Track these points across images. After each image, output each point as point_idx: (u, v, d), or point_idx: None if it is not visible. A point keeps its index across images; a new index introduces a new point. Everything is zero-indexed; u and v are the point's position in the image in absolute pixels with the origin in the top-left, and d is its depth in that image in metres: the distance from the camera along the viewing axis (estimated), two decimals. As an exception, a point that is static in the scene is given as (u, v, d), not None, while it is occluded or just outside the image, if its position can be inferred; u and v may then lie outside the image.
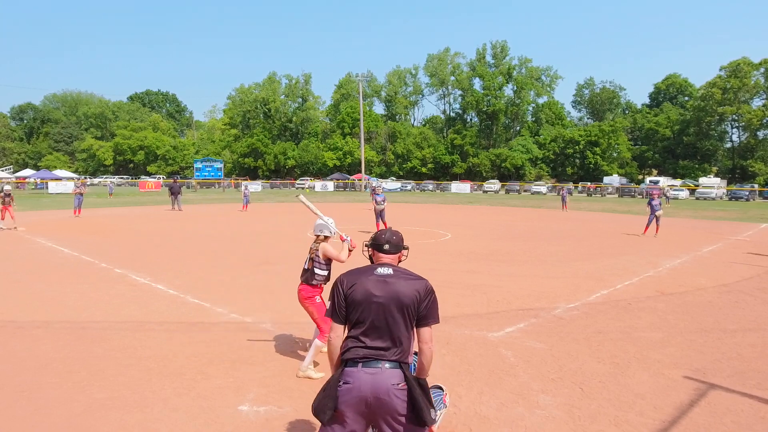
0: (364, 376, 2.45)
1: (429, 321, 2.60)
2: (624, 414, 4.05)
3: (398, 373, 2.49)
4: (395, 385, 2.45)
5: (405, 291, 2.57)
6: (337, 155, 78.01)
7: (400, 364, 2.52)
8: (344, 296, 2.59)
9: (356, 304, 2.56)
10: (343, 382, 2.48)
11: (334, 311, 2.61)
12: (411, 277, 2.66)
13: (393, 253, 2.79)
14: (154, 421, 3.85)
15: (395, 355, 2.52)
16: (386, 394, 2.43)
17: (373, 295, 2.55)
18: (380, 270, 2.65)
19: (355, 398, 2.44)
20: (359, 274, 2.65)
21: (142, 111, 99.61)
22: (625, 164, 73.17)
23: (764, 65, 64.21)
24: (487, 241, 15.11)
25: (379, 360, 2.49)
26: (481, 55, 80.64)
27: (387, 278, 2.61)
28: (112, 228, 17.77)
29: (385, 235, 2.81)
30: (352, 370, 2.49)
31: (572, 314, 7.07)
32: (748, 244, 15.24)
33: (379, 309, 2.54)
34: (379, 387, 2.43)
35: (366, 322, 2.54)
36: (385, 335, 2.53)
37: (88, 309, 7.06)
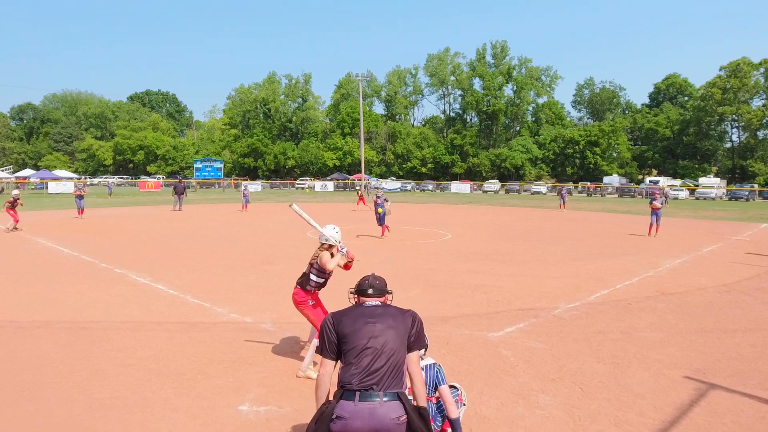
0: (360, 409, 2.38)
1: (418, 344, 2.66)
2: (624, 414, 4.05)
3: (397, 405, 2.43)
4: (395, 419, 2.39)
5: (396, 321, 2.62)
6: (337, 155, 78.00)
7: (398, 395, 2.46)
8: (335, 332, 2.59)
9: (349, 337, 2.55)
10: (337, 416, 2.40)
11: (324, 348, 2.60)
12: (399, 309, 2.73)
13: (377, 296, 2.79)
14: (154, 421, 3.85)
15: (392, 385, 2.47)
16: (385, 430, 2.37)
17: (365, 326, 2.56)
18: (369, 303, 2.70)
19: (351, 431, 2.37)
20: (348, 310, 2.68)
21: (142, 111, 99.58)
22: (625, 164, 73.16)
23: (764, 65, 64.19)
24: (487, 241, 15.11)
25: (376, 392, 2.42)
26: (481, 55, 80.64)
27: (377, 309, 2.65)
28: (112, 228, 17.77)
29: (368, 281, 2.82)
30: (347, 404, 2.41)
31: (572, 314, 7.07)
32: (748, 244, 15.24)
33: (374, 341, 2.53)
34: (379, 423, 2.36)
35: (361, 353, 2.51)
36: (380, 366, 2.48)
37: (88, 309, 7.06)
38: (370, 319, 2.59)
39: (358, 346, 2.52)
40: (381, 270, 2.93)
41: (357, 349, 2.52)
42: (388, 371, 2.48)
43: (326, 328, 2.62)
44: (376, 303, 2.71)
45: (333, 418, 2.41)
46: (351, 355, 2.53)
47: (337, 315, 2.66)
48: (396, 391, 2.47)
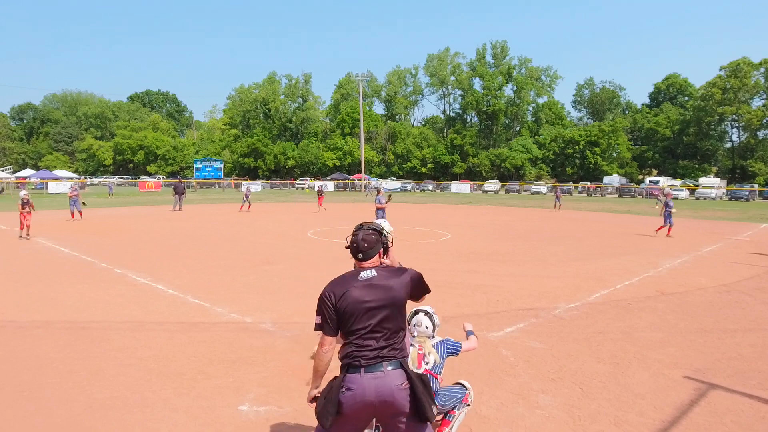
0: (367, 381, 2.49)
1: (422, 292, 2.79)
2: (624, 414, 4.05)
3: (400, 372, 2.55)
4: (399, 385, 2.51)
5: (394, 288, 2.62)
6: (337, 155, 78.01)
7: (401, 363, 2.58)
8: (334, 309, 2.58)
9: (349, 313, 2.56)
10: (346, 388, 2.50)
11: (325, 324, 2.60)
12: (395, 273, 2.70)
13: (369, 259, 2.74)
14: (154, 421, 3.85)
15: (395, 355, 2.58)
16: (390, 396, 2.49)
17: (364, 301, 2.56)
18: (363, 275, 2.65)
19: (360, 403, 2.49)
20: (345, 284, 2.63)
21: (142, 111, 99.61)
22: (625, 164, 73.18)
23: (764, 65, 64.21)
24: (487, 241, 15.11)
25: (381, 362, 2.53)
26: (481, 55, 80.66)
27: (373, 280, 2.62)
28: (112, 228, 17.77)
29: (356, 244, 2.74)
30: (354, 377, 2.51)
31: (572, 314, 7.07)
32: (749, 244, 15.24)
33: (373, 313, 2.56)
34: (384, 390, 2.48)
35: (362, 327, 2.56)
36: (382, 337, 2.57)
37: (88, 309, 7.06)
38: (368, 298, 2.57)
39: (360, 327, 2.56)
40: (380, 270, 2.88)
41: (359, 329, 2.56)
42: (390, 344, 2.58)
43: (325, 304, 2.61)
44: (372, 273, 2.65)
45: (342, 391, 2.51)
46: (353, 335, 2.58)
47: (338, 289, 2.61)
48: (399, 360, 2.58)
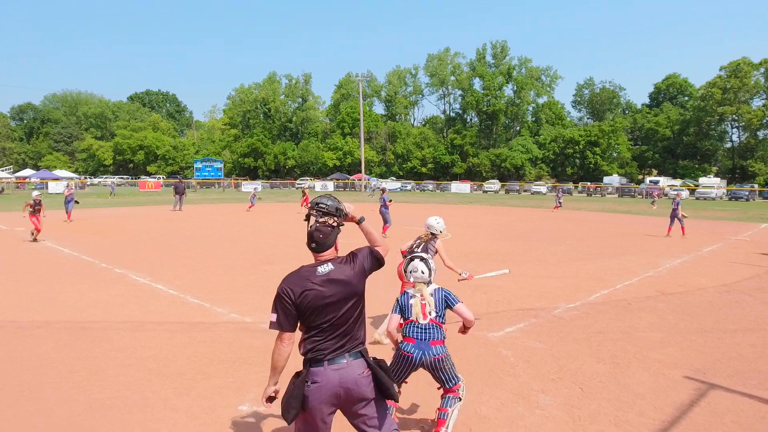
0: (330, 373, 2.57)
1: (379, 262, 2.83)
2: (624, 414, 4.05)
3: (361, 362, 2.66)
4: (361, 374, 2.62)
5: (352, 281, 2.67)
6: (337, 155, 78.01)
7: (361, 353, 2.68)
8: (294, 305, 2.58)
9: (310, 309, 2.58)
10: (311, 381, 2.57)
11: (284, 321, 2.59)
12: (350, 264, 2.72)
13: (327, 248, 2.76)
14: (155, 421, 3.85)
15: (355, 346, 2.67)
16: (354, 384, 2.59)
17: (324, 296, 2.59)
18: (321, 270, 2.66)
19: (326, 395, 2.56)
20: (304, 281, 2.62)
21: (142, 111, 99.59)
22: (625, 164, 73.17)
23: (764, 65, 64.20)
24: (487, 241, 15.11)
25: (343, 354, 2.62)
26: (481, 55, 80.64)
27: (331, 275, 2.64)
28: (112, 228, 17.77)
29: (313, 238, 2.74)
30: (318, 370, 2.58)
31: (572, 314, 7.07)
32: (749, 244, 15.24)
33: (334, 307, 2.61)
34: (347, 379, 2.58)
35: (324, 322, 2.60)
36: (342, 331, 2.63)
37: (88, 309, 7.06)
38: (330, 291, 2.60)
39: (322, 322, 2.60)
40: (381, 269, 2.91)
41: (321, 324, 2.61)
42: (351, 336, 2.66)
43: (285, 301, 2.59)
44: (329, 268, 2.66)
45: (308, 384, 2.57)
46: (315, 329, 2.62)
47: (296, 286, 2.60)
48: (359, 350, 2.68)
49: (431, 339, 3.50)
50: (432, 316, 3.55)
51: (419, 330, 3.53)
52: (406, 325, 3.59)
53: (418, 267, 3.72)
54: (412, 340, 3.52)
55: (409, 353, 3.48)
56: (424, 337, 3.51)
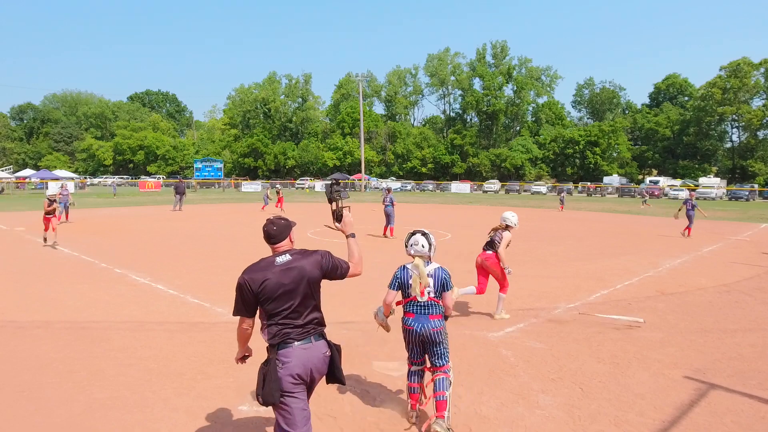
0: (300, 351, 2.83)
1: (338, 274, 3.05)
2: (624, 414, 4.05)
3: (323, 343, 2.95)
4: (324, 353, 2.93)
5: (309, 269, 2.91)
6: (337, 155, 77.99)
7: (323, 335, 2.98)
8: (254, 294, 2.80)
9: (271, 297, 2.81)
10: (282, 363, 2.80)
11: (243, 308, 2.84)
12: (307, 255, 2.98)
13: (282, 239, 3.01)
14: (154, 421, 3.85)
15: (316, 328, 2.94)
16: (318, 363, 2.90)
17: (283, 284, 2.83)
18: (279, 260, 2.91)
19: (297, 371, 2.81)
20: (263, 271, 2.85)
21: (142, 111, 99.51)
22: (625, 164, 73.16)
23: (764, 65, 64.18)
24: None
25: (308, 336, 2.88)
26: (481, 55, 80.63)
27: (288, 264, 2.88)
28: (112, 228, 17.77)
29: (267, 229, 3.00)
30: (287, 351, 2.81)
31: (572, 314, 7.07)
32: (749, 244, 15.24)
33: (293, 294, 2.85)
34: (313, 357, 2.86)
35: (286, 308, 2.84)
36: (303, 315, 2.89)
37: (88, 309, 7.06)
38: (288, 280, 2.84)
39: (284, 308, 2.83)
40: (381, 270, 2.93)
41: (283, 310, 2.83)
42: (312, 319, 2.91)
43: (245, 290, 2.82)
44: (287, 258, 2.91)
45: (279, 366, 2.79)
46: (278, 315, 2.84)
47: (257, 276, 2.82)
48: (321, 332, 2.97)
49: (430, 314, 3.75)
50: (430, 295, 3.75)
51: (419, 306, 3.77)
52: (407, 302, 3.81)
53: (419, 241, 3.86)
54: (411, 315, 3.79)
55: (410, 326, 3.76)
56: (423, 312, 3.76)
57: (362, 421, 3.91)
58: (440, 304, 3.78)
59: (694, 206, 16.73)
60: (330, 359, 2.95)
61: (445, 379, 3.75)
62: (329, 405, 4.17)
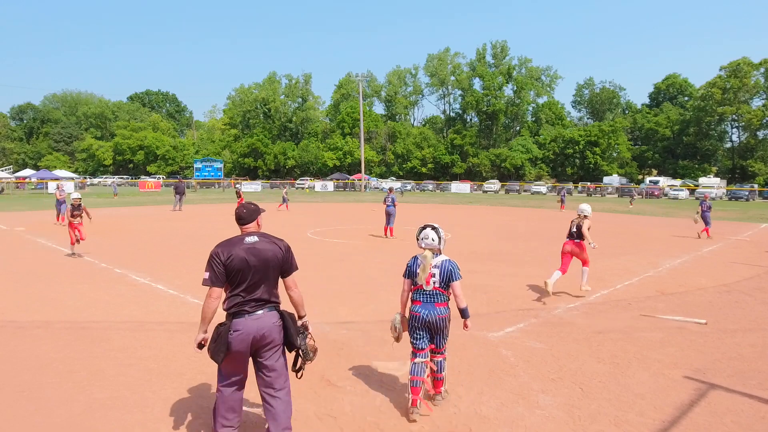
0: (250, 322, 3.19)
1: (291, 270, 3.41)
2: (624, 414, 4.05)
3: (275, 313, 3.30)
4: (274, 323, 3.27)
5: (274, 254, 3.32)
6: (337, 155, 77.97)
7: (275, 307, 3.32)
8: (223, 266, 3.20)
9: (235, 270, 3.20)
10: (234, 330, 3.17)
11: (214, 279, 3.20)
12: (273, 241, 3.39)
13: (250, 221, 3.45)
14: (154, 421, 3.85)
15: (270, 302, 3.29)
16: (268, 330, 3.23)
17: (247, 261, 3.22)
18: (248, 240, 3.32)
19: (245, 340, 3.17)
20: (232, 246, 3.27)
21: (142, 111, 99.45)
22: (625, 164, 73.15)
23: (764, 65, 64.18)
24: (487, 241, 15.11)
25: (260, 308, 3.24)
26: (481, 55, 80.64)
27: (257, 246, 3.29)
28: (112, 228, 17.77)
29: (238, 213, 3.46)
30: (240, 321, 3.19)
31: (572, 314, 7.07)
32: (749, 244, 15.24)
33: (254, 271, 3.23)
34: (263, 326, 3.21)
35: (245, 282, 3.21)
36: (260, 290, 3.25)
37: (88, 309, 7.06)
38: (252, 257, 3.23)
39: (245, 282, 3.21)
40: (382, 269, 2.94)
41: (244, 283, 3.21)
42: (266, 295, 3.28)
43: (216, 261, 3.21)
44: (254, 239, 3.32)
45: (231, 333, 3.16)
46: (239, 287, 3.21)
47: (226, 251, 3.23)
48: (274, 304, 3.31)
49: (435, 302, 4.04)
50: (436, 284, 4.02)
51: (425, 295, 4.06)
52: (415, 290, 4.11)
53: (429, 234, 4.13)
54: (419, 303, 4.07)
55: (417, 312, 4.05)
56: (430, 300, 4.05)
57: (362, 421, 3.91)
58: (446, 294, 4.05)
59: (710, 207, 16.85)
60: (284, 327, 3.31)
61: (443, 361, 4.17)
62: (329, 405, 4.17)
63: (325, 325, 6.43)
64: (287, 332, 3.32)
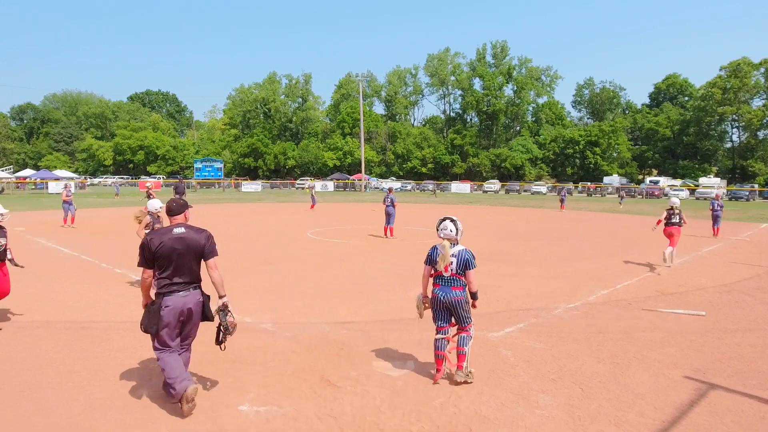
0: (178, 299, 3.94)
1: (212, 254, 4.09)
2: (624, 414, 4.05)
3: (198, 293, 4.09)
4: (198, 300, 4.07)
5: (196, 242, 4.01)
6: (337, 155, 77.97)
7: (198, 287, 4.10)
8: (152, 253, 3.88)
9: (164, 256, 3.89)
10: (164, 306, 3.88)
11: (144, 261, 3.95)
12: (198, 231, 4.08)
13: (179, 213, 4.13)
14: (154, 421, 3.85)
15: (194, 283, 4.06)
16: (192, 306, 4.02)
17: (175, 249, 3.92)
18: (176, 230, 3.98)
19: (175, 313, 3.92)
20: (162, 235, 3.95)
21: (142, 111, 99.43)
22: (625, 164, 73.15)
23: (764, 65, 64.20)
24: (487, 241, 15.10)
25: (186, 288, 3.99)
26: (481, 55, 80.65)
27: (181, 235, 3.97)
28: (112, 228, 17.77)
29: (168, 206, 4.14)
30: (169, 298, 3.91)
31: (572, 314, 7.07)
32: (749, 244, 15.24)
33: (180, 257, 3.94)
34: (188, 302, 3.99)
35: (172, 267, 3.93)
36: (186, 273, 4.00)
37: (88, 309, 7.06)
38: (177, 245, 3.91)
39: (174, 264, 3.92)
40: (381, 270, 2.93)
41: (173, 266, 3.92)
42: (192, 277, 4.04)
43: (147, 248, 3.90)
44: (182, 230, 3.97)
45: (162, 308, 3.86)
46: (168, 269, 3.92)
47: (157, 238, 3.91)
48: (197, 285, 4.09)
49: (452, 286, 4.56)
50: (453, 271, 4.53)
51: (444, 279, 4.60)
52: (435, 276, 4.65)
53: (447, 226, 4.67)
54: (438, 286, 4.62)
55: (436, 294, 4.61)
56: (447, 284, 4.58)
57: (362, 421, 3.91)
58: (462, 279, 4.55)
59: (722, 206, 17.01)
60: (202, 304, 4.09)
61: (467, 337, 4.60)
62: (329, 405, 4.16)
63: (325, 325, 6.43)
64: (206, 309, 4.12)
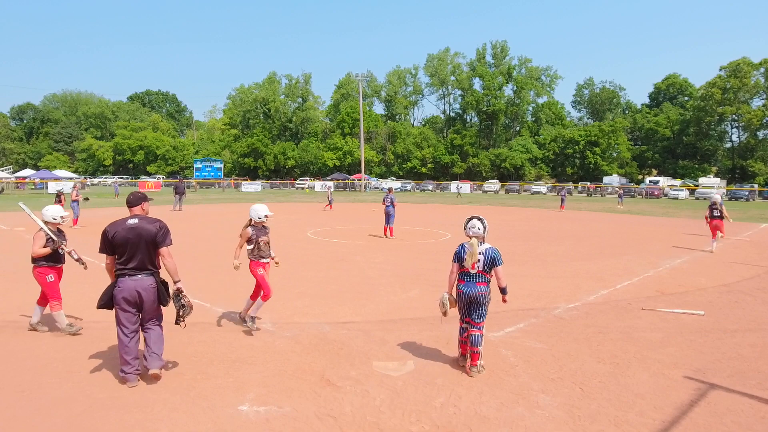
0: (129, 282, 4.41)
1: (164, 243, 4.51)
2: (624, 414, 4.05)
3: (152, 278, 4.51)
4: (149, 285, 4.47)
5: (148, 232, 4.43)
6: (337, 155, 77.96)
7: (152, 273, 4.52)
8: (110, 241, 4.38)
9: (119, 245, 4.38)
10: (117, 287, 4.40)
11: (104, 248, 4.45)
12: (151, 222, 4.50)
13: (135, 205, 4.60)
14: (154, 421, 3.85)
15: (147, 269, 4.47)
16: (144, 291, 4.44)
17: (128, 238, 4.38)
18: (130, 221, 4.45)
19: (125, 294, 4.39)
20: (117, 226, 4.41)
21: (142, 111, 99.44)
22: (625, 164, 73.14)
23: (764, 65, 64.15)
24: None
25: (138, 274, 4.43)
26: (481, 55, 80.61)
27: (135, 226, 4.43)
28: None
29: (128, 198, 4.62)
30: (122, 281, 4.41)
31: (572, 314, 7.07)
32: (749, 244, 15.24)
33: (134, 246, 4.39)
34: (140, 287, 4.43)
35: (127, 254, 4.40)
36: (138, 260, 4.43)
37: (88, 309, 7.05)
38: (129, 235, 4.37)
39: (127, 252, 4.38)
40: (381, 270, 2.93)
41: (126, 253, 4.39)
42: (146, 263, 4.46)
43: (105, 237, 4.40)
44: (135, 221, 4.43)
45: (115, 289, 4.40)
46: (123, 256, 4.39)
47: (113, 229, 4.40)
48: (151, 271, 4.51)
49: (477, 281, 4.84)
50: (479, 268, 4.80)
51: (469, 276, 4.87)
52: (461, 272, 4.91)
53: (475, 224, 4.93)
54: (463, 282, 4.90)
55: (461, 290, 4.90)
56: (472, 280, 4.85)
57: (362, 421, 3.91)
58: (487, 276, 4.83)
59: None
60: (157, 290, 4.49)
61: (479, 336, 4.81)
62: (329, 405, 4.16)
63: (325, 325, 6.44)
64: (160, 294, 4.51)
